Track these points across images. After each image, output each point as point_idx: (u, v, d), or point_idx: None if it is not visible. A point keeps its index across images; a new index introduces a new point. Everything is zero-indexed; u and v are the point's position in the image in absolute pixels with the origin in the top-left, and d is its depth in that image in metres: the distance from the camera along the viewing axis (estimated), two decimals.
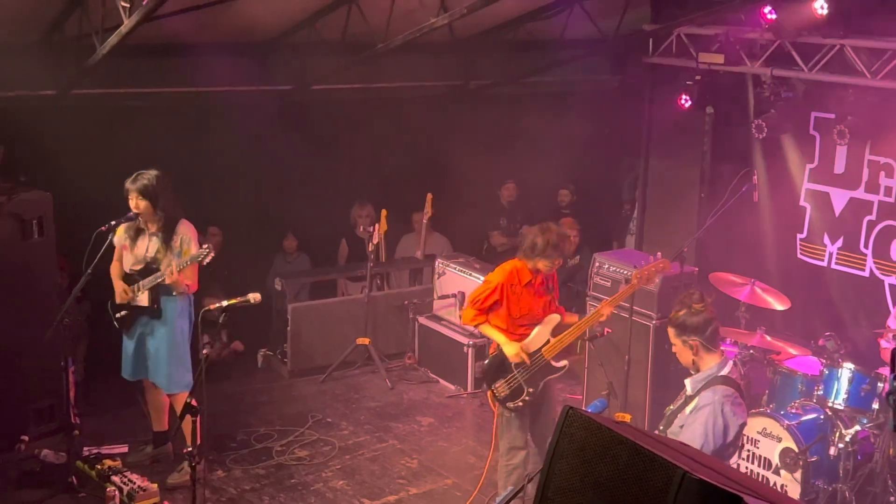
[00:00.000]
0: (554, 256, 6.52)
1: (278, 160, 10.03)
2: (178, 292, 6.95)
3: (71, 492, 6.91)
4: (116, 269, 7.13)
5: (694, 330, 4.84)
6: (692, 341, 4.83)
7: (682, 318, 4.85)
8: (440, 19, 8.01)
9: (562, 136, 11.30)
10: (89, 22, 7.69)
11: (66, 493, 6.91)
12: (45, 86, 8.56)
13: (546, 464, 2.97)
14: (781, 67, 8.84)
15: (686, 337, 4.83)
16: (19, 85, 8.40)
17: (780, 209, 9.61)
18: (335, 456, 7.79)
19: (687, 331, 4.84)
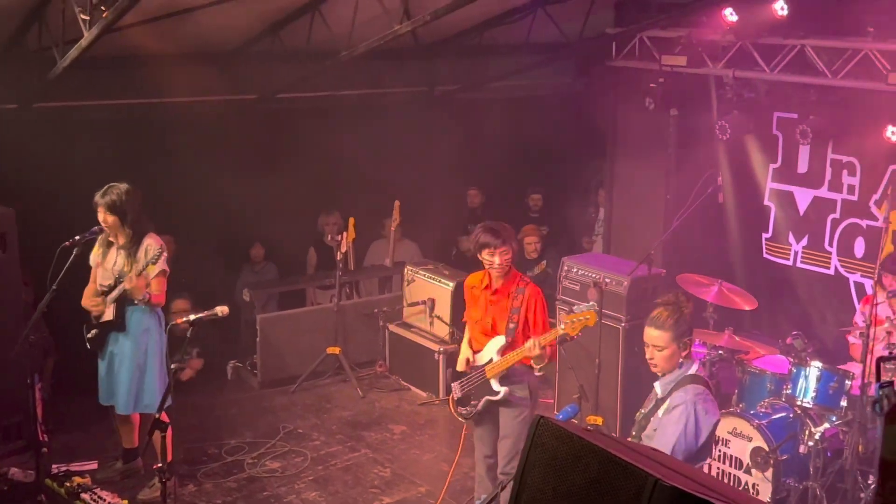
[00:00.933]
0: (486, 247, 6.19)
1: (244, 170, 9.96)
2: (138, 300, 6.86)
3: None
4: (90, 289, 7.06)
5: (689, 330, 4.86)
6: (687, 340, 4.85)
7: (680, 322, 4.84)
8: (404, 26, 8.00)
9: (528, 140, 11.34)
10: (49, 35, 7.62)
11: None
12: (6, 99, 8.48)
13: (518, 473, 2.97)
14: (743, 68, 8.92)
15: (683, 339, 4.84)
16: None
17: (745, 209, 9.70)
18: (307, 467, 7.75)
19: (684, 333, 4.85)
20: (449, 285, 9.18)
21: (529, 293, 6.25)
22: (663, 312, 4.86)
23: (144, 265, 6.76)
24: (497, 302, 6.35)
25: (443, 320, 9.21)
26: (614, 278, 8.09)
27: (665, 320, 4.83)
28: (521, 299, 6.24)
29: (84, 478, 7.07)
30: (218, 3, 7.76)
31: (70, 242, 6.67)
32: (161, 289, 6.94)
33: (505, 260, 6.21)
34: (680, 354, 4.86)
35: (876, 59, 7.89)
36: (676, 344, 4.82)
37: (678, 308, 4.87)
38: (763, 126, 9.28)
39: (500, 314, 6.31)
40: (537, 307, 6.25)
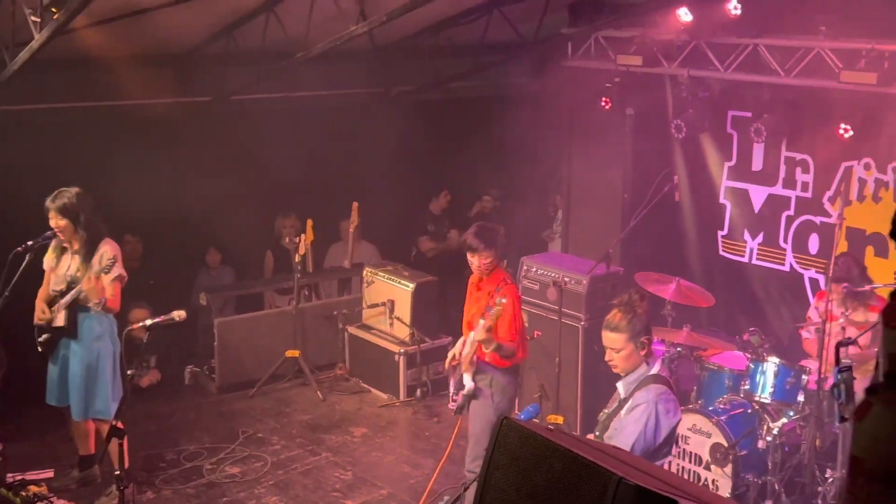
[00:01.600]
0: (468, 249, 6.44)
1: (199, 172, 9.87)
2: (93, 304, 6.76)
3: None
4: (42, 293, 6.96)
5: (645, 329, 4.87)
6: (644, 339, 4.85)
7: (634, 323, 4.85)
8: (360, 27, 7.98)
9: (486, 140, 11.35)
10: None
11: None
12: None
13: (482, 474, 2.96)
14: (698, 68, 9.00)
15: (640, 338, 4.85)
16: None
17: (701, 207, 9.78)
18: (267, 472, 7.69)
19: (641, 332, 4.85)
20: (409, 286, 9.17)
21: (505, 293, 6.35)
22: (617, 314, 4.88)
23: (98, 272, 6.66)
24: (479, 300, 6.53)
25: (403, 322, 9.19)
26: (573, 277, 8.12)
27: (619, 322, 4.84)
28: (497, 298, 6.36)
29: (40, 486, 6.98)
30: (171, 5, 7.68)
31: (22, 248, 6.58)
32: (116, 294, 6.85)
33: (483, 264, 6.41)
34: (638, 354, 4.88)
35: (828, 57, 7.99)
36: (633, 344, 4.84)
37: (631, 308, 4.88)
38: (718, 125, 9.36)
39: (480, 311, 6.46)
40: (506, 307, 6.28)
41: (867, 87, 7.65)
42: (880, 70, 7.55)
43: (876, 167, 8.32)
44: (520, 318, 6.51)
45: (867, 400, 1.77)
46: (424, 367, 9.12)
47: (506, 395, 6.47)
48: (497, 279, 6.48)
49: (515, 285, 6.63)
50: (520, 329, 6.47)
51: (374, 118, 10.77)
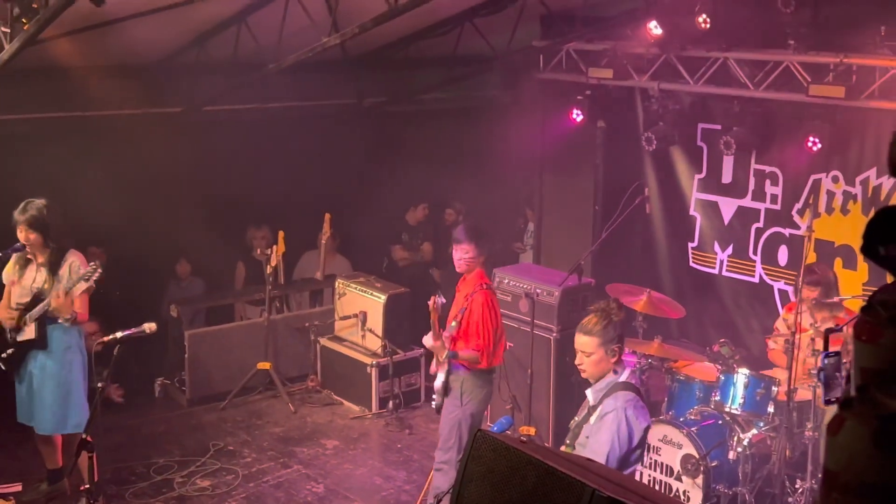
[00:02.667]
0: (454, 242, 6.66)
1: (170, 184, 9.82)
2: (64, 319, 6.70)
3: None
4: (3, 305, 6.87)
5: (618, 338, 4.90)
6: (615, 347, 4.88)
7: (608, 329, 4.88)
8: (332, 39, 7.98)
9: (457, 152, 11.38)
10: None
11: None
12: None
13: (456, 488, 2.96)
14: (668, 81, 9.09)
15: (611, 345, 4.87)
16: None
17: (672, 219, 9.85)
18: (239, 485, 7.64)
19: (613, 339, 4.88)
20: (381, 298, 9.16)
21: (475, 297, 6.47)
22: (592, 318, 4.91)
23: (75, 282, 6.59)
24: (458, 300, 6.65)
25: (375, 333, 9.17)
26: (545, 289, 8.15)
27: (593, 326, 4.88)
28: (470, 301, 6.50)
29: (8, 500, 6.93)
30: (142, 15, 7.65)
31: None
32: (85, 307, 6.79)
33: (463, 258, 6.55)
34: (609, 361, 4.90)
35: (797, 71, 8.08)
36: (604, 350, 4.86)
37: (607, 315, 4.91)
38: (688, 137, 9.44)
39: (454, 311, 6.61)
40: (475, 313, 6.43)
41: (836, 100, 7.75)
42: (848, 83, 7.66)
43: (844, 180, 8.41)
44: (488, 323, 6.47)
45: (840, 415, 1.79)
46: (396, 378, 9.11)
47: (475, 398, 6.53)
48: (474, 283, 6.56)
49: (491, 291, 6.64)
50: (488, 335, 6.45)
51: (346, 129, 10.77)
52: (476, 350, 6.41)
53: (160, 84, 9.35)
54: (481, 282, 6.59)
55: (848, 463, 1.76)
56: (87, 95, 8.76)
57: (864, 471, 1.74)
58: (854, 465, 1.76)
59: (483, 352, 6.41)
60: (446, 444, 6.51)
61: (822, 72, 7.88)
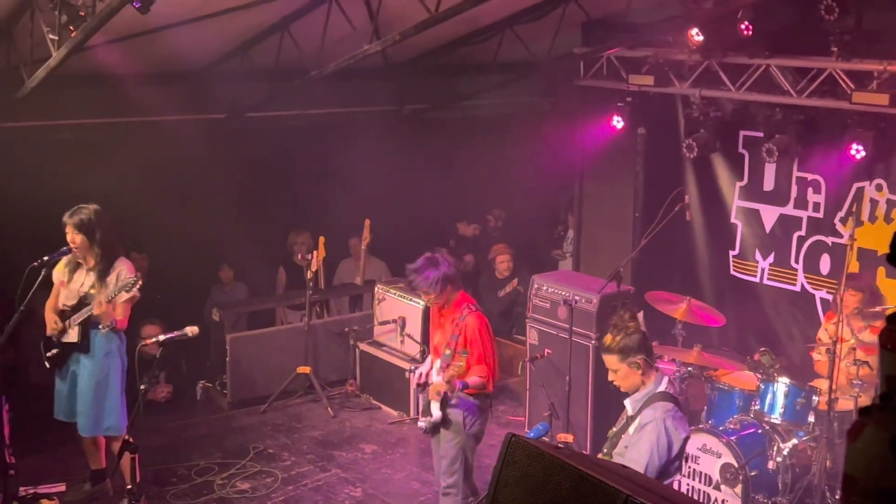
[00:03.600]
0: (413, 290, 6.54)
1: (213, 189, 9.95)
2: (104, 325, 6.81)
3: None
4: (52, 304, 7.00)
5: (638, 349, 4.88)
6: (638, 360, 4.87)
7: (624, 342, 4.87)
8: (373, 46, 8.03)
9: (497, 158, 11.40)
10: (17, 54, 7.58)
11: None
12: None
13: (490, 491, 2.98)
14: (710, 88, 9.02)
15: (632, 358, 4.86)
16: None
17: (713, 227, 9.79)
18: (278, 487, 7.71)
19: (632, 352, 4.87)
20: (420, 303, 9.19)
21: (468, 322, 6.29)
22: (609, 336, 4.94)
23: (116, 291, 6.70)
24: (443, 326, 6.47)
25: (413, 339, 9.21)
26: (584, 296, 8.13)
27: (610, 343, 4.91)
28: (461, 327, 6.29)
29: (52, 500, 7.05)
30: (187, 23, 7.76)
31: (39, 263, 6.63)
32: (126, 314, 6.90)
33: (428, 298, 6.46)
34: (635, 374, 4.90)
35: (840, 78, 8.01)
36: (626, 364, 4.87)
37: (621, 329, 4.92)
38: (729, 144, 9.38)
39: (443, 338, 6.40)
40: (473, 337, 6.25)
41: (879, 107, 7.67)
42: (892, 91, 7.57)
43: (888, 188, 8.32)
44: (489, 344, 6.35)
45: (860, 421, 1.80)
46: None
47: (478, 421, 6.46)
48: (460, 306, 6.39)
49: (480, 311, 6.46)
50: (490, 356, 6.35)
51: (386, 136, 10.83)
52: (483, 377, 6.29)
53: (204, 90, 9.47)
54: (465, 302, 6.42)
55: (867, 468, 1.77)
56: (133, 101, 8.89)
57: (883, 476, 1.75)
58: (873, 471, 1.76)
59: (488, 377, 6.32)
60: (451, 468, 6.43)
61: (866, 79, 7.80)
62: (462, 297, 6.44)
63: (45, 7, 6.69)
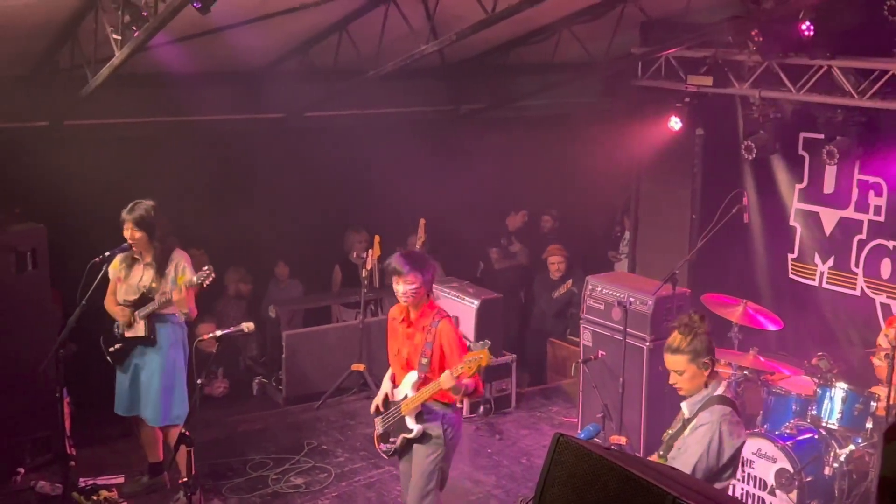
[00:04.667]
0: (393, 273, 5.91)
1: (271, 187, 10.07)
2: (182, 313, 6.96)
3: None
4: (111, 301, 7.14)
5: (707, 350, 4.85)
6: (707, 360, 4.84)
7: (695, 343, 4.84)
8: (430, 46, 8.08)
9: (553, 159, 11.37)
10: (81, 53, 7.74)
11: None
12: (38, 117, 8.61)
13: (538, 491, 2.99)
14: (769, 89, 8.92)
15: (702, 358, 4.83)
16: (12, 116, 8.46)
17: (771, 229, 9.68)
18: (331, 483, 7.78)
19: (702, 353, 4.84)
20: (473, 303, 9.20)
21: (441, 327, 5.90)
22: (677, 336, 4.88)
23: (188, 283, 6.81)
24: (412, 336, 6.04)
25: (466, 338, 9.22)
26: (638, 298, 8.09)
27: (679, 343, 4.84)
28: (434, 333, 5.91)
29: (111, 491, 7.19)
30: (247, 23, 7.86)
31: (99, 259, 6.76)
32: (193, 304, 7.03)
33: (409, 290, 5.87)
34: (702, 375, 4.86)
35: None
36: (695, 365, 4.82)
37: (691, 329, 4.87)
38: (789, 146, 9.26)
39: (415, 349, 6.00)
40: (450, 340, 5.90)
41: None
42: None
43: None
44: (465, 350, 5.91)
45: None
46: (487, 384, 9.14)
47: (456, 429, 6.06)
48: (429, 313, 5.98)
49: (451, 318, 6.09)
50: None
51: (443, 136, 10.87)
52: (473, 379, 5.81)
53: (263, 90, 9.58)
54: (434, 310, 6.00)
55: None
56: (193, 101, 9.03)
57: None
58: None
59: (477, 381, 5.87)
60: (426, 488, 5.97)
61: None
62: (431, 305, 6.03)
63: (108, 7, 6.83)
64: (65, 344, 6.79)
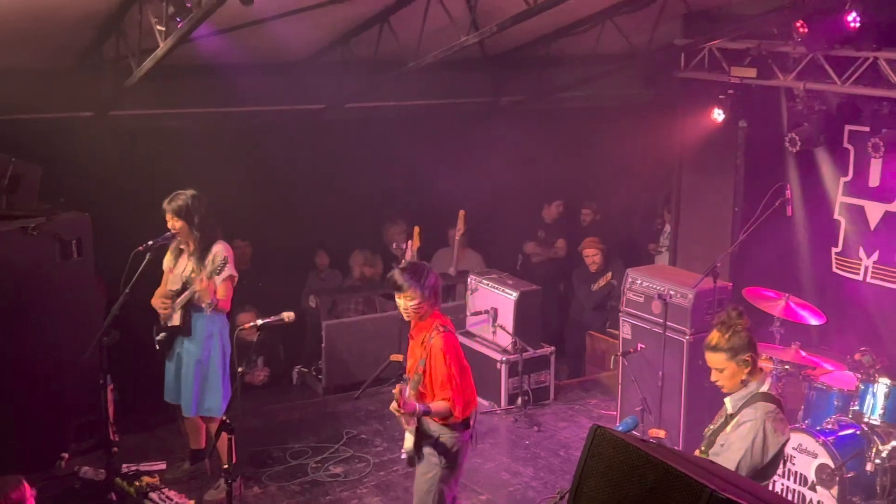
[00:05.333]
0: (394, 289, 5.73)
1: (311, 178, 10.13)
2: (206, 304, 7.00)
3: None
4: (161, 291, 7.23)
5: (747, 347, 4.82)
6: (747, 357, 4.81)
7: (734, 340, 4.81)
8: (471, 37, 8.07)
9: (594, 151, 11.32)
10: (126, 45, 7.83)
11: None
12: (83, 107, 8.72)
13: (575, 482, 2.99)
14: (814, 80, 8.82)
15: (742, 356, 4.80)
16: (58, 107, 8.57)
17: (815, 223, 9.58)
18: (370, 472, 7.82)
19: (741, 350, 4.81)
20: (512, 295, 9.20)
21: (434, 343, 5.59)
22: (716, 334, 4.85)
23: (210, 273, 6.88)
24: (413, 349, 5.82)
25: (506, 330, 9.23)
26: (679, 291, 8.04)
27: (718, 341, 4.82)
28: (427, 349, 5.62)
29: (153, 477, 7.27)
30: (290, 14, 7.90)
31: (143, 247, 6.83)
32: (227, 294, 7.06)
33: (410, 306, 5.64)
34: (743, 372, 4.83)
35: None
36: (735, 362, 4.79)
37: (729, 326, 4.83)
38: (834, 139, 9.15)
39: (414, 363, 5.74)
40: (436, 361, 5.56)
41: None
42: None
43: None
44: (452, 369, 5.56)
45: None
46: (526, 376, 9.14)
47: (453, 454, 5.71)
48: (429, 326, 5.68)
49: (449, 332, 5.70)
50: (455, 384, 5.56)
51: (483, 127, 10.86)
52: (447, 400, 5.52)
53: (304, 81, 9.62)
54: (435, 322, 5.68)
55: None
56: (235, 91, 9.10)
57: None
58: None
59: (453, 402, 5.53)
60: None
61: None
62: (435, 316, 5.73)
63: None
64: (108, 332, 6.88)
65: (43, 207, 7.56)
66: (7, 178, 7.27)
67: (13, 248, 7.28)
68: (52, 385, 7.48)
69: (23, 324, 7.34)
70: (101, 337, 6.79)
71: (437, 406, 5.52)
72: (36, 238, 7.33)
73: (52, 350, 7.45)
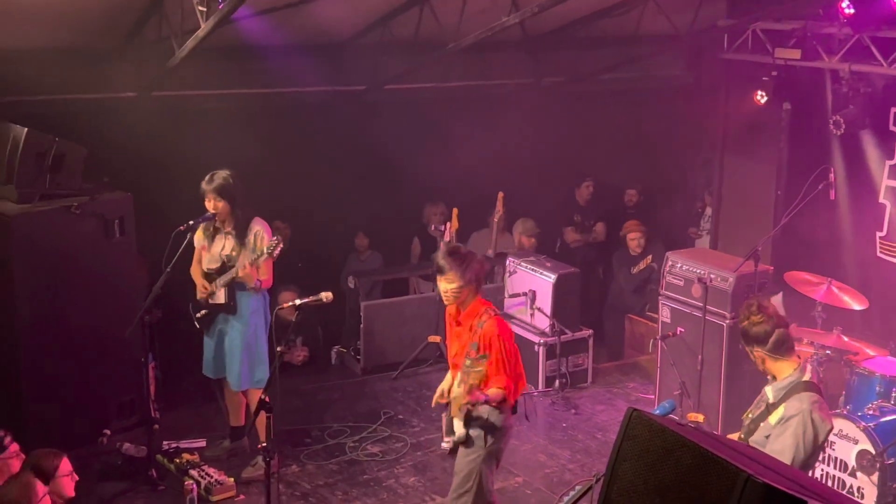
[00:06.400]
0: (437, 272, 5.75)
1: (351, 159, 10.15)
2: (250, 287, 7.07)
3: (151, 485, 7.08)
4: (197, 269, 7.29)
5: (756, 340, 4.80)
6: (756, 352, 4.80)
7: (745, 329, 4.82)
8: (512, 18, 8.03)
9: (635, 133, 11.23)
10: (168, 25, 7.88)
11: (146, 486, 7.09)
12: (126, 88, 8.80)
13: (610, 465, 2.99)
14: (860, 62, 8.70)
15: (750, 347, 4.80)
16: (101, 87, 8.66)
17: (859, 207, 9.45)
18: (407, 452, 7.86)
19: (749, 341, 4.80)
20: (550, 277, 9.17)
21: (487, 328, 5.61)
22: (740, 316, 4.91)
23: (259, 254, 6.91)
24: (461, 335, 5.80)
25: (543, 312, 9.20)
26: (719, 274, 7.97)
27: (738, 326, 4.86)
28: (479, 334, 5.61)
29: (193, 455, 7.36)
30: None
31: (184, 227, 6.91)
32: (270, 273, 7.13)
33: (449, 289, 5.67)
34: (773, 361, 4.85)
35: None
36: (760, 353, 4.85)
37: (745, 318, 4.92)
38: (880, 121, 9.01)
39: (462, 348, 5.74)
40: (490, 342, 5.58)
41: None
42: None
43: None
44: (510, 353, 5.65)
45: None
46: (564, 358, 9.12)
47: (499, 435, 5.75)
48: (476, 311, 5.71)
49: (499, 317, 5.76)
50: (512, 366, 5.65)
51: (523, 109, 10.80)
52: (501, 388, 5.55)
53: (345, 63, 9.64)
54: (483, 307, 5.72)
55: None
56: (276, 72, 9.13)
57: None
58: None
59: (508, 389, 5.59)
60: (462, 488, 5.76)
61: None
62: (480, 302, 5.76)
63: None
64: (150, 310, 6.97)
65: (86, 187, 7.64)
66: (51, 158, 7.35)
67: (57, 227, 7.38)
68: (95, 363, 7.59)
69: (66, 302, 7.45)
70: (143, 315, 6.88)
71: (494, 394, 5.55)
72: (79, 217, 7.43)
73: (95, 329, 7.55)
